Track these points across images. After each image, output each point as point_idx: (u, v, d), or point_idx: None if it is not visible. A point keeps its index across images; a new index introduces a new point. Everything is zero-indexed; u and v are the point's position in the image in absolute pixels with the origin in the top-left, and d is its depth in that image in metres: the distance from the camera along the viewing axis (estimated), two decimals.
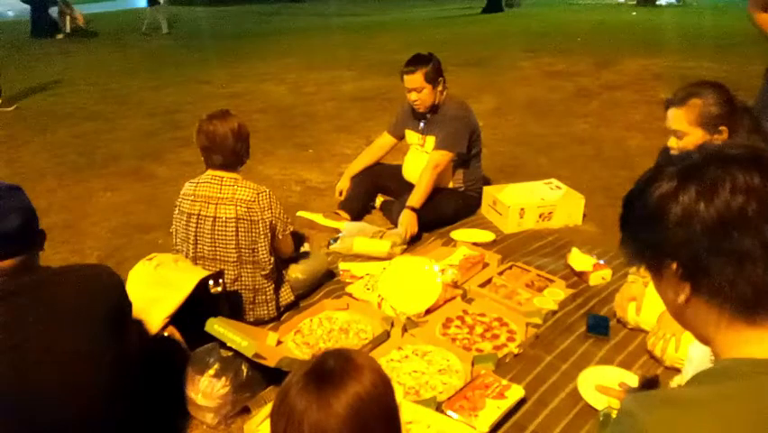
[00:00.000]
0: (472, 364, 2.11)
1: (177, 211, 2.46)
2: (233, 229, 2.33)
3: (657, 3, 16.64)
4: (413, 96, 3.19)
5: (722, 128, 2.14)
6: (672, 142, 2.24)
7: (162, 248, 3.09)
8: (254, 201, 2.32)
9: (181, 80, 7.68)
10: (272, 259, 2.40)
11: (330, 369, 1.06)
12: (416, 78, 3.14)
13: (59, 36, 11.88)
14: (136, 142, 5.08)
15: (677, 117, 2.20)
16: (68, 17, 12.09)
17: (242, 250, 2.35)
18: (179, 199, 2.45)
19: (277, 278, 2.47)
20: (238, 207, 2.32)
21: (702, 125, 2.15)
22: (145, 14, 12.85)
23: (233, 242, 2.34)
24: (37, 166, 4.55)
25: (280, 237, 2.43)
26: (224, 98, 6.59)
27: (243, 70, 8.22)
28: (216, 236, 2.35)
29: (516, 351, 2.21)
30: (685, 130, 2.19)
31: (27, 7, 12.16)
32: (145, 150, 4.84)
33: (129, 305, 1.68)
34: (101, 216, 3.61)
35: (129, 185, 4.12)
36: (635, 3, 16.39)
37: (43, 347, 1.40)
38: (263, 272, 2.39)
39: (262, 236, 2.35)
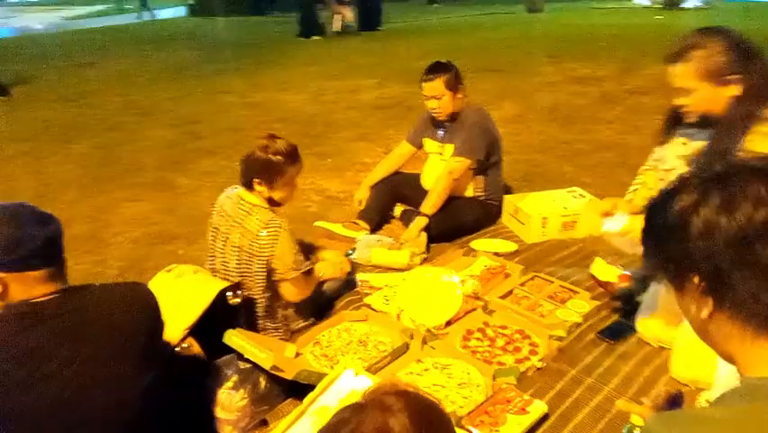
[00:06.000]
0: (493, 378, 2.06)
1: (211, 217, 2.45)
2: (237, 256, 2.28)
3: (683, 6, 16.37)
4: (432, 103, 3.16)
5: (731, 77, 1.91)
6: (680, 100, 2.02)
7: (183, 258, 3.12)
8: (258, 235, 2.22)
9: (202, 90, 7.76)
10: (269, 295, 2.31)
11: None
12: (436, 86, 3.11)
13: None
14: (158, 153, 5.14)
15: (680, 74, 1.97)
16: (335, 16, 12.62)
17: (245, 278, 2.29)
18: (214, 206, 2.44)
19: (285, 306, 2.41)
20: (243, 237, 2.26)
21: (709, 78, 1.93)
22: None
23: (237, 269, 2.30)
24: (59, 179, 4.62)
25: (279, 279, 2.28)
26: (244, 108, 6.65)
27: (263, 80, 8.27)
28: (226, 256, 2.33)
29: (538, 364, 2.16)
30: (691, 86, 1.95)
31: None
32: (167, 160, 4.90)
33: (163, 324, 1.65)
34: (123, 227, 3.65)
35: (151, 195, 4.17)
36: (660, 6, 16.15)
37: (88, 372, 1.38)
38: (262, 305, 2.33)
39: (258, 272, 2.26)
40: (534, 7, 16.62)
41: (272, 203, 2.33)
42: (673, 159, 2.20)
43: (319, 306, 2.60)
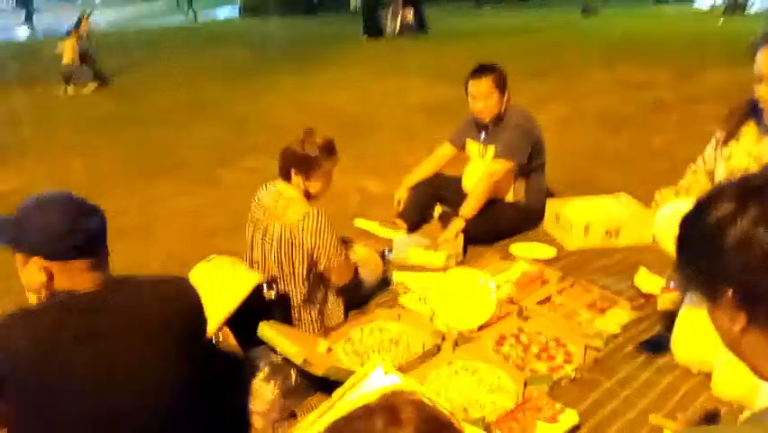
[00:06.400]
0: (525, 385, 2.02)
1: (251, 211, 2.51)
2: (277, 248, 2.32)
3: (746, 12, 15.69)
4: (479, 104, 3.13)
5: None
6: (764, 90, 1.83)
7: (224, 252, 3.19)
8: (298, 225, 2.27)
9: (253, 88, 7.92)
10: (309, 285, 2.35)
11: None
12: (484, 85, 3.08)
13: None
14: (207, 149, 5.29)
15: None
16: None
17: (284, 269, 2.34)
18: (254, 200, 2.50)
19: (323, 300, 2.45)
20: (283, 228, 2.30)
21: None
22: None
23: (276, 260, 2.34)
24: (112, 170, 4.80)
25: (324, 267, 2.35)
26: (291, 106, 6.76)
27: (311, 79, 8.40)
28: (264, 248, 2.38)
29: (572, 374, 2.10)
30: None
31: None
32: (215, 156, 5.03)
33: (206, 321, 1.64)
34: (171, 220, 3.77)
35: (197, 189, 4.28)
36: (722, 11, 15.52)
37: (129, 373, 1.38)
38: (301, 296, 2.38)
39: (299, 262, 2.31)
40: (588, 10, 16.26)
41: (308, 196, 2.38)
42: (743, 156, 2.06)
43: (354, 303, 2.62)
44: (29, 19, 20.75)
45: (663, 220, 2.06)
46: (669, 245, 2.11)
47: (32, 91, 8.47)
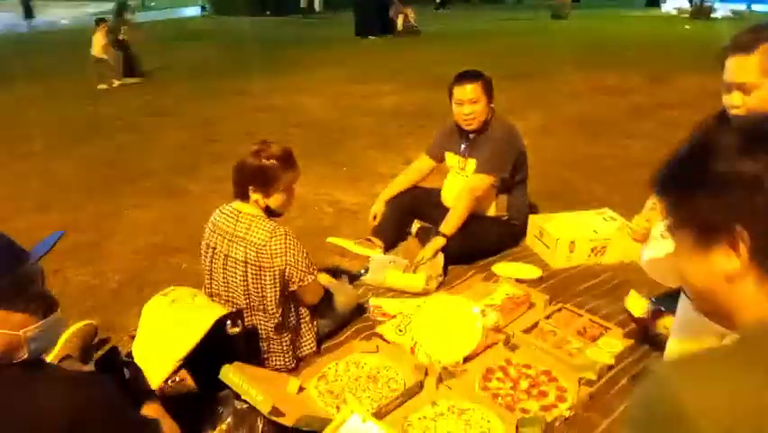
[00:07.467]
0: (516, 428, 1.85)
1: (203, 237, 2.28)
2: (243, 273, 2.11)
3: (712, 15, 15.97)
4: (466, 109, 2.94)
5: None
6: (735, 99, 1.78)
7: (186, 273, 2.95)
8: (265, 246, 2.07)
9: (219, 92, 7.63)
10: (282, 310, 2.16)
11: None
12: (473, 89, 2.91)
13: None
14: (170, 156, 5.00)
15: (744, 67, 1.74)
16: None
17: (252, 296, 2.14)
18: (206, 225, 2.27)
19: (295, 327, 2.26)
20: (248, 250, 2.09)
21: None
22: None
23: (243, 286, 2.13)
24: (65, 180, 4.48)
25: (297, 287, 2.17)
26: (260, 111, 6.50)
27: (281, 83, 8.14)
28: (228, 276, 2.16)
29: (566, 414, 1.94)
30: (755, 81, 1.72)
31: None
32: (178, 164, 4.75)
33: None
34: (127, 235, 3.50)
35: (159, 202, 4.01)
36: (687, 16, 15.77)
37: None
38: (272, 323, 2.17)
39: (269, 285, 2.11)
40: (558, 13, 16.34)
41: (270, 213, 2.17)
42: None
43: (328, 331, 2.42)
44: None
45: (650, 262, 1.93)
46: (659, 279, 2.00)
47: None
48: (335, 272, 2.76)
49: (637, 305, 2.46)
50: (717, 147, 0.77)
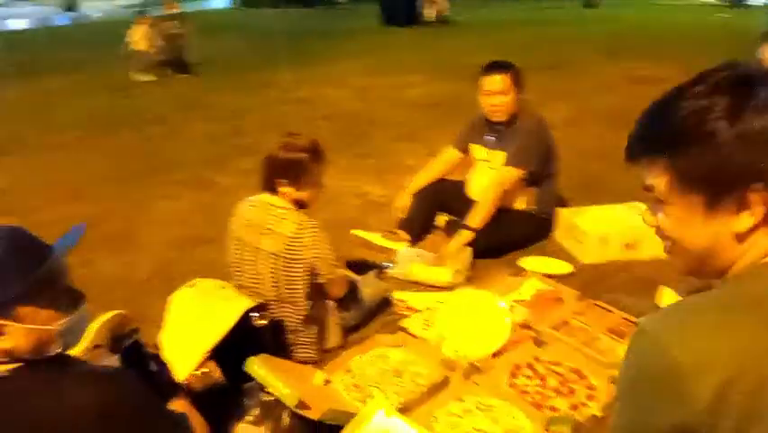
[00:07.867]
0: (546, 427, 1.81)
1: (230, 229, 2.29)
2: (273, 265, 2.13)
3: (749, 3, 15.47)
4: (495, 99, 2.90)
5: None
6: None
7: (214, 264, 2.97)
8: (296, 238, 2.09)
9: (246, 84, 7.66)
10: (311, 303, 2.18)
11: None
12: (502, 80, 2.88)
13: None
14: (199, 149, 5.05)
15: None
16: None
17: (281, 288, 2.15)
18: (233, 217, 2.28)
19: (321, 319, 2.26)
20: (279, 242, 2.11)
21: None
22: None
23: (272, 278, 2.14)
24: (97, 171, 4.55)
25: (325, 280, 2.19)
26: (287, 104, 6.51)
27: (309, 74, 8.13)
28: (258, 268, 2.17)
29: (598, 414, 1.90)
30: None
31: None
32: (207, 157, 4.79)
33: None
34: (157, 226, 3.54)
35: (188, 193, 4.05)
36: (724, 3, 15.29)
37: None
38: (301, 315, 2.18)
39: (299, 278, 2.12)
40: (590, 2, 16.02)
41: (299, 205, 2.18)
42: None
43: (354, 324, 2.42)
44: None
45: None
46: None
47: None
48: (362, 265, 2.75)
49: (670, 302, 2.40)
50: (727, 107, 0.75)
